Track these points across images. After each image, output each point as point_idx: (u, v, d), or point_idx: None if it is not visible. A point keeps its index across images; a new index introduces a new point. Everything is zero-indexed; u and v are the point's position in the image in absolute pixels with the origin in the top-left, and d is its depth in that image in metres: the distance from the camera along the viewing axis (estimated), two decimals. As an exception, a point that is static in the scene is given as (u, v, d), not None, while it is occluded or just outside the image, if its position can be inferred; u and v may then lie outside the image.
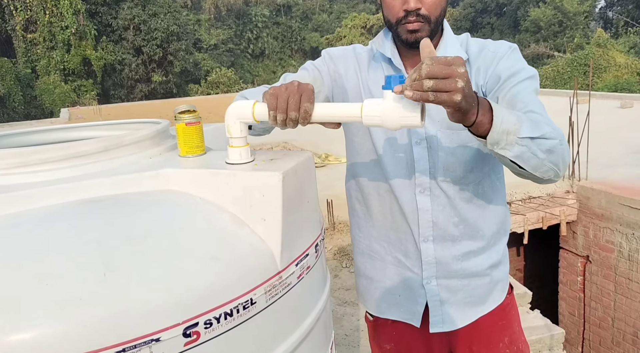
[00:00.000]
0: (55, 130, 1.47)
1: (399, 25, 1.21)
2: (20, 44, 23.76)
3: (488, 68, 1.24)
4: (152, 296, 0.82)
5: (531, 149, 1.02)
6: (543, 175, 1.08)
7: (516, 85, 1.17)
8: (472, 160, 1.29)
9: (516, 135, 1.00)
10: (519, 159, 1.03)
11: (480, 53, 1.27)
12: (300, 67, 1.40)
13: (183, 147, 1.15)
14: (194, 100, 21.59)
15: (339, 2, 44.72)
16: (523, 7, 32.57)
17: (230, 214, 1.01)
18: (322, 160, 7.20)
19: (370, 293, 1.49)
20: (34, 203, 0.94)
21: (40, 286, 0.78)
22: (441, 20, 1.24)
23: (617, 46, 21.26)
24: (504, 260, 1.44)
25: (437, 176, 1.30)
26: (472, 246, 1.36)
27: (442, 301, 1.38)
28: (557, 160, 1.06)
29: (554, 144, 1.04)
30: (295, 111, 1.00)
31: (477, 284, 1.39)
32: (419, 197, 1.32)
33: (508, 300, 1.46)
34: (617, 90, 15.98)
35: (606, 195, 4.91)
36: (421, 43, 0.93)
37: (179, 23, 26.87)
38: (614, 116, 9.41)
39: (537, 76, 1.22)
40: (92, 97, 23.31)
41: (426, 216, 1.32)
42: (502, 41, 1.30)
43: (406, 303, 1.42)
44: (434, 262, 1.36)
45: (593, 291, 5.25)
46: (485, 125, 0.99)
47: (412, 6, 1.17)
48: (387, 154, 1.33)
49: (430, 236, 1.34)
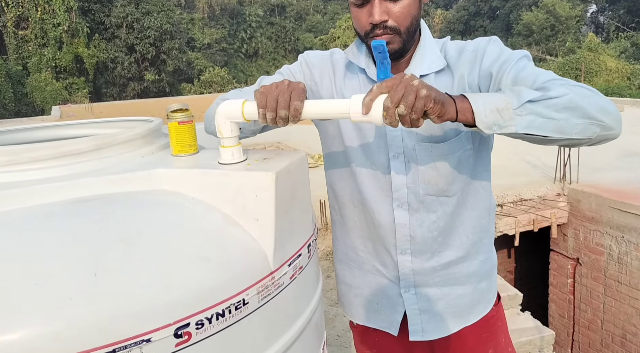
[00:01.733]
0: (46, 128, 1.46)
1: (367, 38, 1.16)
2: (11, 41, 23.56)
3: (473, 68, 1.18)
4: (143, 296, 0.81)
5: (539, 112, 0.95)
6: (585, 135, 0.97)
7: (512, 68, 1.10)
8: (454, 171, 1.24)
9: (511, 108, 0.95)
10: (533, 130, 0.96)
11: (460, 56, 1.21)
12: (277, 71, 1.36)
13: (175, 146, 1.14)
14: (186, 99, 21.50)
15: (333, 3, 44.75)
16: (516, 11, 32.76)
17: (223, 214, 1.01)
18: (315, 161, 7.19)
19: (349, 300, 1.46)
20: (24, 202, 0.93)
21: (29, 286, 0.77)
22: (414, 29, 1.18)
23: (608, 50, 21.46)
24: (489, 269, 1.40)
25: (417, 190, 1.25)
26: (452, 256, 1.31)
27: (422, 310, 1.34)
28: (587, 113, 0.95)
29: (569, 98, 0.95)
30: (285, 109, 0.98)
31: (459, 293, 1.34)
32: (396, 212, 1.27)
33: (494, 311, 1.42)
34: (608, 94, 16.11)
35: (597, 198, 4.94)
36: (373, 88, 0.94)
37: (173, 22, 26.78)
38: (604, 120, 9.47)
39: (529, 55, 1.16)
40: (84, 95, 23.17)
41: (404, 231, 1.28)
42: (479, 38, 1.24)
43: (384, 311, 1.38)
44: (412, 273, 1.32)
45: (583, 293, 5.29)
46: (468, 110, 0.96)
47: (377, 19, 1.11)
48: (362, 166, 1.29)
49: (407, 249, 1.30)
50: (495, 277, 1.44)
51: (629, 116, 9.88)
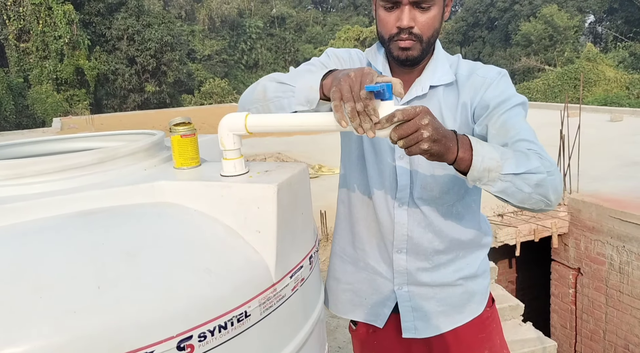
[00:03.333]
0: (50, 141, 1.47)
1: (391, 42, 1.23)
2: (12, 53, 23.68)
3: (477, 92, 1.26)
4: (146, 308, 0.82)
5: (516, 184, 1.05)
6: (532, 207, 1.10)
7: (506, 112, 1.18)
8: (450, 182, 1.31)
9: (499, 172, 1.04)
10: (502, 194, 1.07)
11: (470, 76, 1.28)
12: (306, 63, 1.36)
13: (178, 158, 1.15)
14: (187, 110, 21.58)
15: (332, 15, 45.09)
16: (514, 21, 32.97)
17: (225, 226, 1.02)
18: (315, 171, 7.21)
19: (336, 294, 1.51)
20: (29, 215, 0.94)
21: (34, 298, 0.77)
22: (433, 41, 1.25)
23: (606, 60, 21.54)
24: (481, 273, 1.45)
25: (414, 193, 1.32)
26: (443, 259, 1.38)
27: (414, 308, 1.40)
28: (545, 192, 1.08)
29: (542, 178, 1.06)
30: (360, 101, 0.95)
31: (449, 293, 1.40)
32: (396, 211, 1.34)
33: (488, 313, 1.47)
34: (607, 103, 16.17)
35: (597, 207, 4.95)
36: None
37: (173, 34, 26.93)
38: (604, 129, 9.52)
39: (526, 103, 1.24)
40: (85, 107, 23.23)
41: (402, 230, 1.35)
42: (491, 66, 1.31)
43: (372, 305, 1.44)
44: (405, 272, 1.38)
45: (585, 303, 5.27)
46: (466, 162, 1.03)
47: (405, 24, 1.18)
48: (373, 165, 1.35)
49: (404, 248, 1.36)
50: (488, 281, 1.49)
51: (628, 126, 9.91)
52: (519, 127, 1.16)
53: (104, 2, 24.94)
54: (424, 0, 1.16)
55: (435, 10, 1.19)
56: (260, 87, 1.22)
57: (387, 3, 1.19)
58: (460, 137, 1.04)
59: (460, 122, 1.27)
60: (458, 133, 1.05)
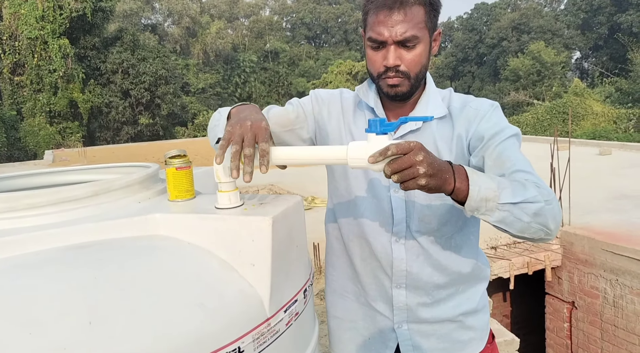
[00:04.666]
0: (43, 174, 1.47)
1: (379, 79, 1.25)
2: (6, 87, 23.80)
3: (471, 124, 1.28)
4: (137, 345, 0.81)
5: (514, 213, 1.05)
6: (532, 236, 1.10)
7: (501, 144, 1.20)
8: (447, 213, 1.30)
9: (496, 202, 1.04)
10: (501, 224, 1.07)
11: (463, 109, 1.30)
12: (287, 102, 1.44)
13: (173, 191, 1.15)
14: (180, 142, 21.62)
15: (325, 49, 45.93)
16: (502, 57, 33.76)
17: (219, 259, 1.01)
18: (308, 203, 7.19)
19: (339, 334, 1.48)
20: (21, 248, 0.93)
21: (23, 335, 0.76)
22: (422, 76, 1.27)
23: (593, 95, 22.00)
24: (481, 308, 1.43)
25: (411, 226, 1.31)
26: (442, 294, 1.36)
27: (415, 346, 1.37)
28: (545, 221, 1.08)
29: (540, 207, 1.06)
30: (250, 147, 1.04)
31: (449, 329, 1.38)
32: (394, 246, 1.32)
33: (489, 349, 1.45)
34: (595, 137, 16.42)
35: (589, 240, 4.96)
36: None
37: (168, 67, 27.26)
38: (593, 162, 9.62)
39: (519, 134, 1.26)
40: (78, 139, 23.24)
41: (401, 265, 1.32)
42: (483, 99, 1.34)
43: (375, 346, 1.41)
44: (405, 308, 1.36)
45: (580, 338, 5.21)
46: (463, 192, 1.04)
47: (391, 63, 1.20)
48: (365, 200, 1.34)
49: (403, 284, 1.34)
50: (488, 316, 1.47)
51: (617, 159, 10.03)
52: (515, 158, 1.17)
53: (100, 36, 25.30)
54: (408, 40, 1.19)
55: (421, 48, 1.22)
56: (214, 116, 1.34)
57: (374, 43, 1.22)
58: (457, 168, 1.05)
59: (456, 153, 1.28)
60: (454, 164, 1.06)
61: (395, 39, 1.18)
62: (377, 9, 1.19)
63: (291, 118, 1.38)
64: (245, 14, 46.84)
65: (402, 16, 1.17)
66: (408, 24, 1.18)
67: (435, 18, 1.25)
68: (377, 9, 1.19)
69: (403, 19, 1.17)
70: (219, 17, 42.02)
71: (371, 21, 1.21)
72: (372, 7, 1.21)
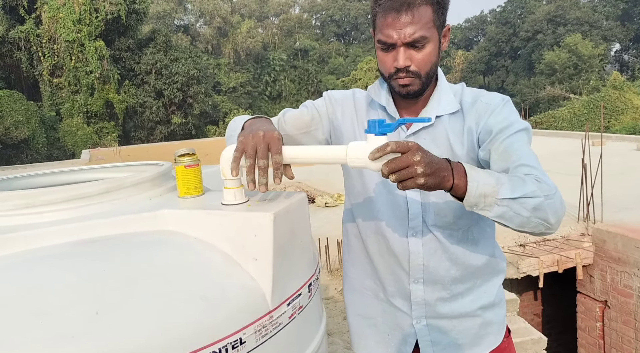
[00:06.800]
0: (65, 172, 1.54)
1: (391, 79, 1.27)
2: (46, 88, 24.67)
3: (481, 117, 1.28)
4: (141, 334, 0.85)
5: (513, 208, 1.06)
6: (533, 230, 1.11)
7: (508, 138, 1.20)
8: (462, 206, 1.28)
9: (495, 197, 1.05)
10: (501, 219, 1.08)
11: (474, 103, 1.31)
12: (302, 104, 1.47)
13: (182, 188, 1.19)
14: (212, 141, 21.95)
15: (354, 46, 45.80)
16: (537, 51, 32.93)
17: (223, 254, 1.05)
18: (334, 201, 7.22)
19: (361, 331, 1.50)
20: (37, 243, 0.99)
21: (34, 323, 0.81)
22: (432, 74, 1.28)
23: (633, 88, 21.25)
24: (498, 302, 1.44)
25: (427, 220, 1.32)
26: (460, 288, 1.37)
27: (434, 342, 1.38)
28: (544, 216, 1.08)
29: (539, 202, 1.07)
30: (264, 159, 1.06)
31: (468, 325, 1.39)
32: (410, 240, 1.34)
33: (505, 343, 1.45)
34: (635, 132, 15.87)
35: (622, 238, 4.81)
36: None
37: (199, 67, 27.69)
38: (630, 158, 9.32)
39: (529, 129, 1.25)
40: (113, 139, 23.89)
41: (418, 259, 1.34)
42: (495, 93, 1.34)
43: (395, 342, 1.42)
44: (423, 303, 1.37)
45: (613, 338, 5.07)
46: (462, 188, 1.05)
47: (402, 64, 1.22)
48: (381, 196, 1.36)
49: (420, 278, 1.35)
50: (504, 310, 1.47)
51: (656, 154, 9.69)
52: (521, 152, 1.17)
53: (134, 38, 25.90)
54: (417, 41, 1.20)
55: (430, 47, 1.23)
56: (229, 124, 1.37)
57: (383, 45, 1.23)
58: (455, 165, 1.06)
59: (468, 147, 1.29)
60: (452, 161, 1.07)
61: (404, 40, 1.19)
62: (385, 11, 1.20)
63: (306, 120, 1.40)
64: (275, 13, 47.13)
65: (410, 18, 1.18)
66: (416, 25, 1.18)
67: (443, 15, 1.25)
68: (385, 12, 1.20)
69: (411, 21, 1.18)
70: (249, 17, 42.44)
71: (380, 23, 1.22)
72: (380, 10, 1.22)
